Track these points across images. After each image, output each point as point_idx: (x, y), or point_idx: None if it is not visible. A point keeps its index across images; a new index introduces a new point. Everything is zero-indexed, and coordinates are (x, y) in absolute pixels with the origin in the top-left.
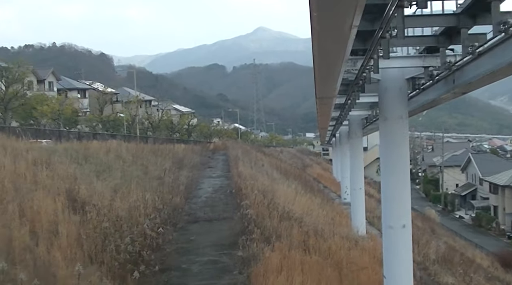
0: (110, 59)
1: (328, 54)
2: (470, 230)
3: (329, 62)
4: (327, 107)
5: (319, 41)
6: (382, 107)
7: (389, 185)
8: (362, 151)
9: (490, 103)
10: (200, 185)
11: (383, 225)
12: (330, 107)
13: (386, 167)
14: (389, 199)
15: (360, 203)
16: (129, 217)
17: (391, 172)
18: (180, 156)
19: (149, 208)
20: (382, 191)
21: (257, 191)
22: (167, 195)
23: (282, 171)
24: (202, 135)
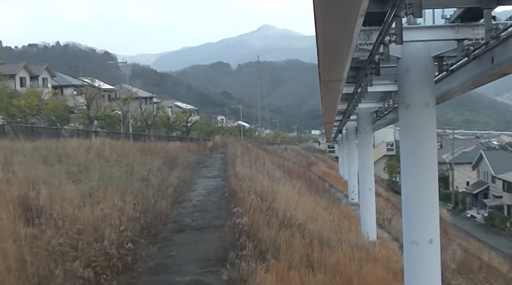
0: (114, 57)
1: (336, 20)
2: (483, 230)
3: (337, 31)
4: (334, 95)
5: None
6: (403, 92)
7: (412, 190)
8: (371, 148)
9: (496, 99)
10: (193, 186)
11: (405, 239)
12: (337, 95)
13: (409, 168)
14: (412, 207)
15: (370, 205)
16: (95, 229)
17: (415, 174)
18: (173, 155)
19: (123, 217)
20: (404, 198)
21: (255, 194)
22: (151, 199)
23: (285, 170)
24: (203, 133)
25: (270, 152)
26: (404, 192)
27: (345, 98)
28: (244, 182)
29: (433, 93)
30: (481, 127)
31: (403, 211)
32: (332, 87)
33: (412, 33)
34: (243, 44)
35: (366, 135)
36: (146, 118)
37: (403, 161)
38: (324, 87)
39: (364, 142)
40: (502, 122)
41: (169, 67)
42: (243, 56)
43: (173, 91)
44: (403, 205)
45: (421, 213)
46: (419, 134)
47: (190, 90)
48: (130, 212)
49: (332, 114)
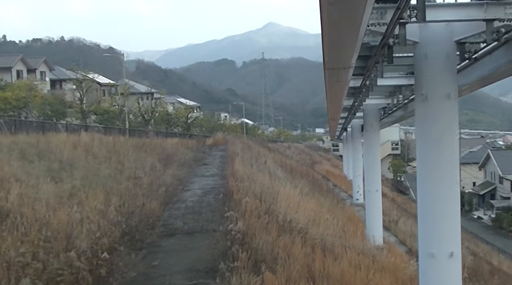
0: (118, 53)
1: None
2: (490, 232)
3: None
4: (340, 87)
5: None
6: (420, 82)
7: (429, 196)
8: (378, 147)
9: (501, 99)
10: (189, 185)
11: (421, 252)
12: (343, 87)
13: (426, 170)
14: (430, 215)
15: (377, 208)
16: (67, 236)
17: (433, 177)
18: (169, 152)
19: (103, 221)
20: (420, 204)
21: (253, 195)
22: (140, 200)
23: (287, 168)
24: (206, 129)
25: (273, 150)
26: (420, 197)
27: (351, 92)
28: (243, 182)
29: (455, 84)
30: (486, 127)
31: (419, 220)
32: (338, 76)
33: (433, 11)
34: (248, 42)
35: (373, 133)
36: (144, 113)
37: (419, 162)
38: (329, 77)
39: (370, 140)
40: (507, 122)
41: (174, 63)
42: (248, 54)
43: (177, 88)
44: (419, 212)
45: (440, 222)
46: (438, 131)
47: (194, 86)
48: (112, 215)
49: (338, 110)
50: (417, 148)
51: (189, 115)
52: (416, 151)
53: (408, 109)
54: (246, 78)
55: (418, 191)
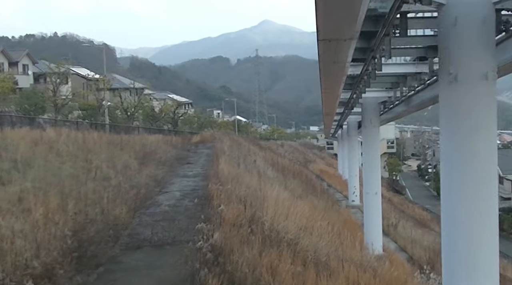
0: (112, 50)
1: None
2: None
3: None
4: (337, 71)
5: None
6: (447, 58)
7: (460, 212)
8: (378, 145)
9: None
10: (168, 187)
11: (445, 277)
12: (342, 70)
13: (454, 176)
14: (459, 239)
15: (376, 212)
16: None
17: (464, 186)
18: (150, 149)
19: (44, 234)
20: (445, 223)
21: (236, 199)
22: (106, 204)
23: (279, 168)
24: (197, 126)
25: (264, 148)
26: (446, 214)
27: (349, 83)
28: (226, 184)
29: (494, 60)
30: None
31: (444, 244)
32: (336, 53)
33: None
34: (243, 39)
35: (373, 130)
36: (126, 108)
37: (445, 166)
38: (325, 54)
39: (369, 138)
40: (502, 121)
41: (169, 60)
42: (243, 51)
43: (171, 85)
44: (444, 234)
45: (473, 249)
46: (473, 123)
47: (188, 84)
48: (60, 225)
49: (334, 102)
50: (442, 146)
51: (176, 111)
52: (441, 151)
53: (412, 103)
54: (241, 76)
55: (442, 205)
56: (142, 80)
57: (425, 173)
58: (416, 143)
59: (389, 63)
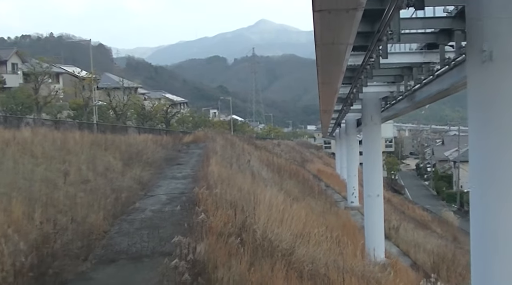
0: (108, 50)
1: None
2: None
3: None
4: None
5: None
6: (479, 31)
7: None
8: (380, 144)
9: None
10: (154, 190)
11: None
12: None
13: (490, 178)
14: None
15: (378, 216)
16: None
17: (503, 192)
18: (137, 150)
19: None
20: (474, 237)
21: (226, 204)
22: (81, 211)
23: (274, 168)
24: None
25: (260, 147)
26: (476, 224)
27: (348, 77)
28: (215, 187)
29: None
30: None
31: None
32: (335, 31)
33: None
34: (240, 39)
35: (374, 127)
36: (115, 107)
37: (475, 167)
38: (322, 31)
39: (370, 136)
40: None
41: (166, 60)
42: (240, 51)
43: (168, 85)
44: (474, 245)
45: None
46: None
47: (185, 83)
48: (16, 238)
49: (331, 97)
50: (471, 144)
51: (169, 110)
52: (470, 150)
53: (416, 98)
54: (238, 75)
55: (471, 213)
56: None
57: (424, 172)
58: (415, 142)
59: (394, 52)
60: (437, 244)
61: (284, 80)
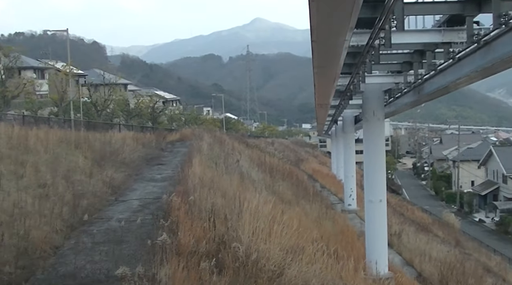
0: (102, 47)
1: None
2: (494, 237)
3: None
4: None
5: None
6: None
7: None
8: (383, 142)
9: (488, 95)
10: (127, 194)
11: None
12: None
13: None
14: None
15: (381, 225)
16: None
17: None
18: (113, 148)
19: None
20: None
21: (205, 212)
22: (29, 222)
23: (266, 168)
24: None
25: (252, 146)
26: None
27: (348, 63)
28: (195, 192)
29: None
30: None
31: None
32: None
33: None
34: (235, 37)
35: (377, 123)
36: (95, 102)
37: None
38: None
39: (372, 133)
40: (494, 118)
41: (161, 59)
42: (235, 49)
43: (162, 83)
44: None
45: None
46: None
47: (180, 81)
48: None
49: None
50: None
51: (156, 106)
52: None
53: (426, 90)
54: (233, 74)
55: None
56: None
57: (421, 172)
58: (411, 141)
59: (407, 30)
60: (442, 251)
61: (279, 78)
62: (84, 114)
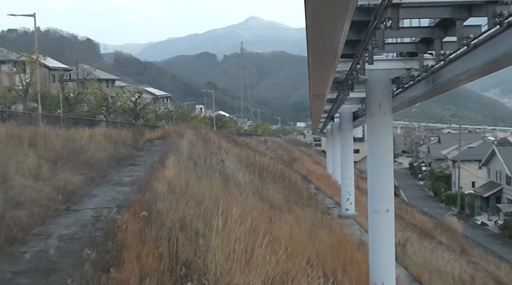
0: (96, 45)
1: None
2: (499, 242)
3: None
4: None
5: None
6: None
7: None
8: (391, 141)
9: (483, 95)
10: (83, 202)
11: None
12: None
13: None
14: None
15: (387, 239)
16: None
17: None
18: (78, 146)
19: None
20: None
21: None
22: None
23: (255, 169)
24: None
25: (241, 144)
26: None
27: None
28: (163, 200)
29: None
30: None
31: None
32: None
33: None
34: (230, 35)
35: (383, 118)
36: (67, 95)
37: None
38: None
39: (378, 130)
40: (490, 117)
41: (155, 57)
42: (230, 47)
43: (156, 81)
44: None
45: None
46: None
47: (173, 79)
48: None
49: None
50: None
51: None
52: None
53: (443, 78)
54: (227, 72)
55: None
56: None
57: (418, 172)
58: (408, 140)
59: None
60: (450, 261)
61: (274, 77)
62: (65, 110)
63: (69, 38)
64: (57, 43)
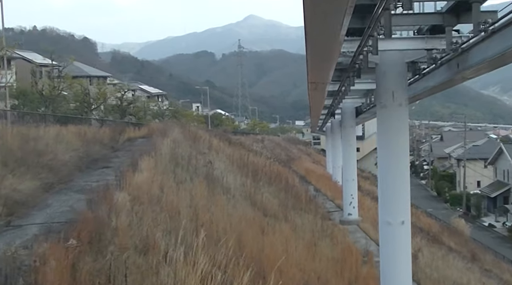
0: (93, 44)
1: None
2: (508, 245)
3: None
4: None
5: None
6: None
7: None
8: (407, 138)
9: (483, 93)
10: (31, 215)
11: None
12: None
13: None
14: None
15: (402, 257)
16: None
17: None
18: (41, 146)
19: None
20: None
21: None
22: None
23: (249, 171)
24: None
25: (235, 143)
26: None
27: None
28: (122, 215)
29: None
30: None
31: None
32: None
33: None
34: (228, 34)
35: (398, 110)
36: (41, 90)
37: None
38: None
39: (391, 126)
40: (489, 115)
41: (154, 56)
42: (229, 46)
43: (154, 79)
44: None
45: None
46: None
47: (171, 78)
48: None
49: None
50: None
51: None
52: None
53: (470, 61)
54: (226, 71)
55: None
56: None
57: (420, 170)
58: (409, 138)
59: None
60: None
61: (272, 75)
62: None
63: (66, 37)
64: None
